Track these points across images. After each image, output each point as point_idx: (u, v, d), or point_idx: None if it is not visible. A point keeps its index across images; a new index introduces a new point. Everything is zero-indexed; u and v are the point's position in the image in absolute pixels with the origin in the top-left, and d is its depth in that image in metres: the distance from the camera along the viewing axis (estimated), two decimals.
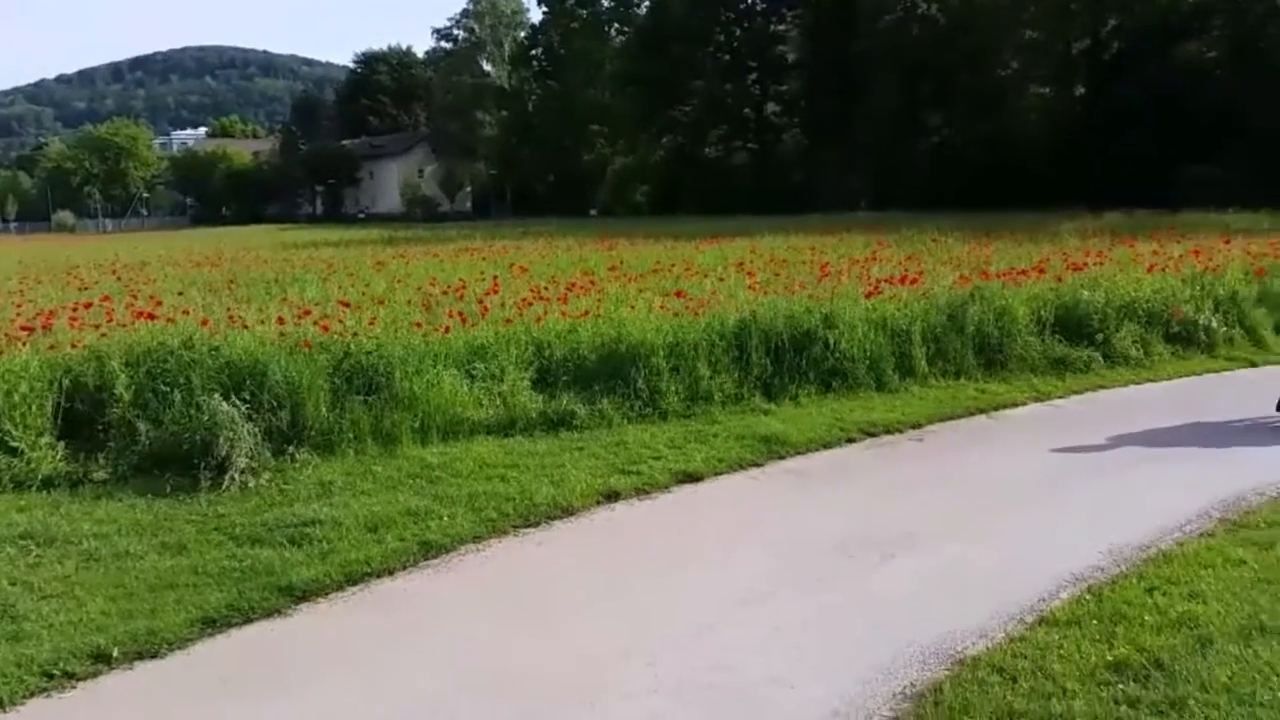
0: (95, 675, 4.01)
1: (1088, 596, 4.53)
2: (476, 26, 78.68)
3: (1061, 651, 3.95)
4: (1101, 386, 9.22)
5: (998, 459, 6.94)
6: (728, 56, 58.97)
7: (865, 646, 4.12)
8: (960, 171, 41.10)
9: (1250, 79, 35.53)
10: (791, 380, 8.68)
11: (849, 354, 8.89)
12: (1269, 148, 33.84)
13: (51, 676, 3.96)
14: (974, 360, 9.44)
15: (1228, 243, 15.74)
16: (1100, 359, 9.88)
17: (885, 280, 11.16)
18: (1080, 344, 10.01)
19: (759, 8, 58.03)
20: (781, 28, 57.73)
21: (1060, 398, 8.85)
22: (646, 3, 64.32)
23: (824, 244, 19.35)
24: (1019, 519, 5.78)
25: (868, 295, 10.10)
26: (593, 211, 61.29)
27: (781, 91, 58.37)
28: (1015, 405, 8.56)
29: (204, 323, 8.42)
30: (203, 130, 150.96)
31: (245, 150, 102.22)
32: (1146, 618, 4.22)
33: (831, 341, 8.90)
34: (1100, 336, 10.13)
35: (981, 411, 8.35)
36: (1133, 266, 12.65)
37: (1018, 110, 44.66)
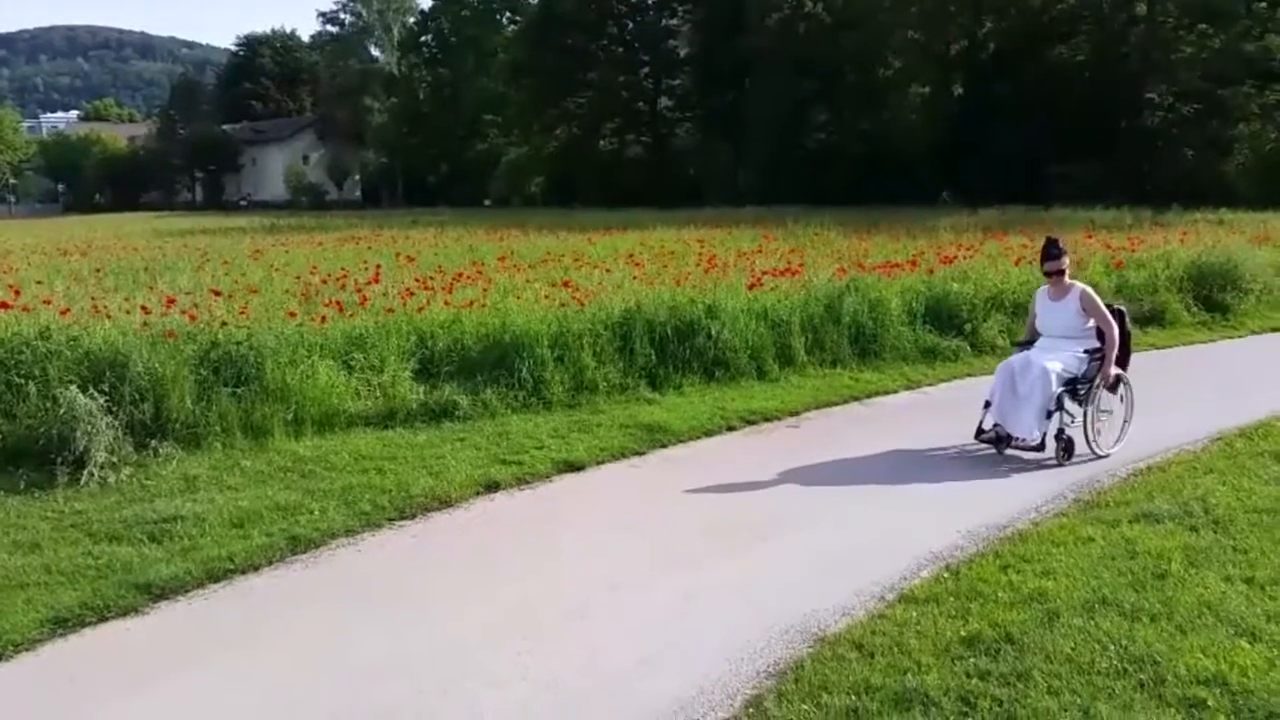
0: None
1: (946, 574, 4.71)
2: (364, 10, 76.69)
3: (919, 628, 4.10)
4: (969, 374, 9.58)
5: (869, 444, 7.14)
6: (620, 49, 58.95)
7: (733, 628, 4.21)
8: (844, 167, 42.05)
9: (1113, 83, 37.34)
10: (676, 370, 8.79)
11: (731, 344, 9.05)
12: (1131, 148, 35.71)
13: None
14: (850, 350, 9.71)
15: (1090, 237, 16.54)
16: (969, 348, 10.29)
17: (768, 272, 11.37)
18: (950, 334, 10.40)
19: (650, 1, 58.18)
20: (673, 22, 57.89)
21: (930, 385, 9.17)
22: None
23: (714, 237, 19.58)
24: (886, 500, 5.97)
25: (750, 287, 10.27)
26: (487, 202, 60.60)
27: (674, 85, 58.64)
28: (888, 393, 8.84)
29: (64, 312, 8.05)
30: (74, 114, 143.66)
31: (121, 135, 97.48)
32: (1000, 594, 4.41)
33: (714, 332, 9.04)
34: (969, 326, 10.54)
35: (856, 399, 8.60)
36: (1001, 260, 13.19)
37: (899, 108, 45.91)
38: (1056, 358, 6.62)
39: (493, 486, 6.18)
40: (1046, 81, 37.61)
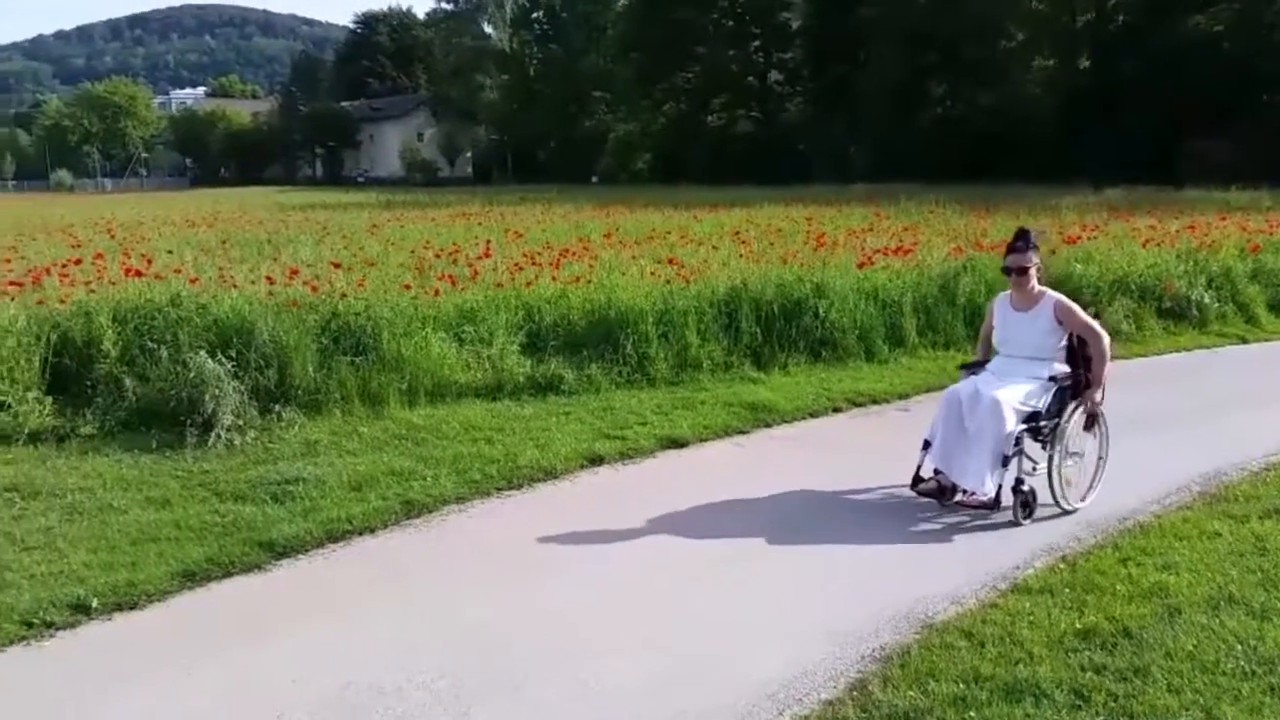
0: (74, 625, 4.06)
1: (1062, 566, 4.57)
2: None
3: (1032, 619, 3.99)
4: None
5: None
6: (731, 23, 58.33)
7: (837, 610, 4.16)
8: (962, 143, 40.83)
9: (1257, 54, 35.21)
10: (781, 349, 8.71)
11: (839, 324, 8.92)
12: (1272, 124, 33.63)
13: (31, 625, 4.01)
14: (965, 331, 9.45)
15: (1224, 219, 15.71)
16: None
17: (879, 251, 11.15)
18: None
19: None
20: None
21: None
22: None
23: (823, 214, 19.29)
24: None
25: (860, 266, 10.09)
26: (594, 178, 60.91)
27: (785, 60, 57.78)
28: None
29: (193, 281, 8.42)
30: (201, 90, 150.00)
31: (245, 111, 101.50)
32: (1118, 587, 4.25)
33: (822, 311, 8.92)
34: (1092, 310, 10.05)
35: None
36: (1128, 241, 12.64)
37: (1021, 82, 44.35)
38: (1012, 386, 5.26)
39: (596, 460, 6.24)
40: (1180, 54, 35.70)
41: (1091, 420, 5.47)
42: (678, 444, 6.64)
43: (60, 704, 3.54)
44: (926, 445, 5.37)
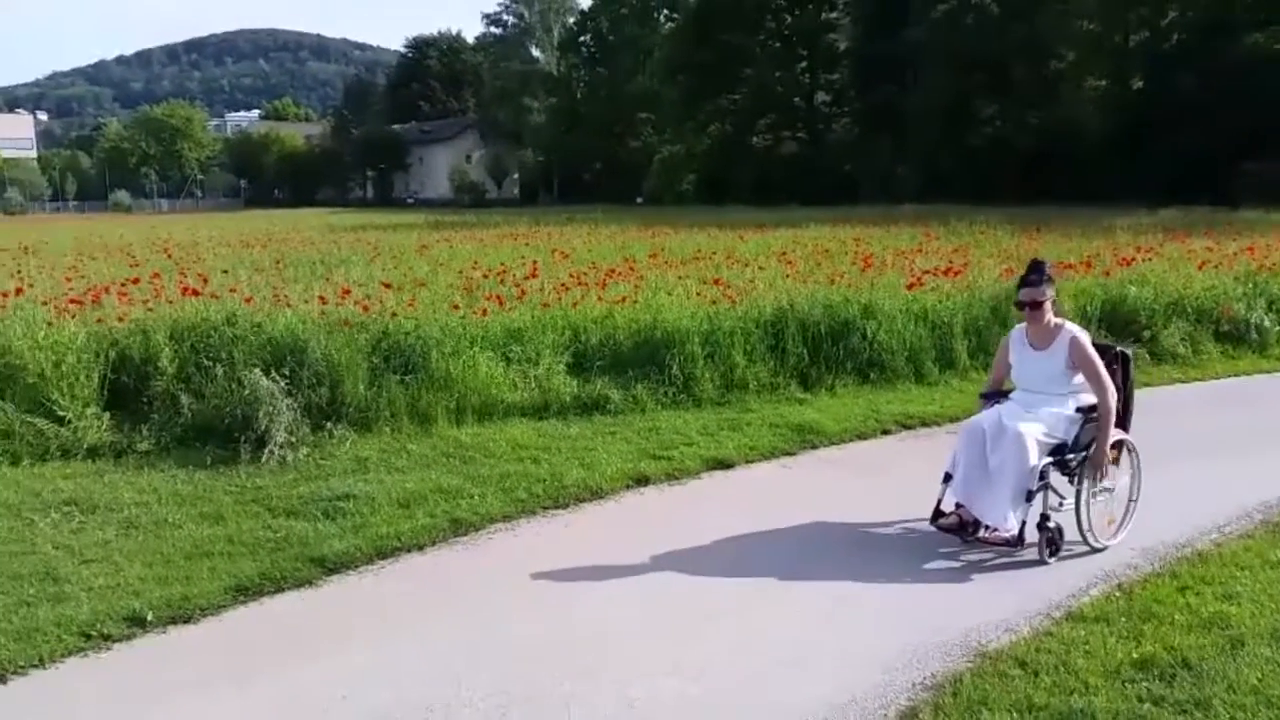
0: (130, 638, 4.13)
1: (1118, 594, 4.47)
2: (526, 12, 78.88)
3: (1087, 648, 3.91)
4: (1147, 384, 9.03)
5: None
6: (778, 44, 58.54)
7: (886, 636, 4.11)
8: (1012, 164, 40.44)
9: None
10: (828, 370, 8.65)
11: (887, 345, 8.85)
12: None
13: (89, 637, 4.09)
14: None
15: None
16: (1147, 356, 9.72)
17: (928, 272, 11.05)
18: (1127, 340, 9.82)
19: None
20: (833, 15, 57.19)
21: None
22: None
23: (870, 235, 19.18)
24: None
25: (909, 287, 10.01)
26: (639, 199, 61.20)
27: (832, 81, 57.87)
28: None
29: (248, 300, 8.58)
30: (256, 113, 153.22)
31: (298, 133, 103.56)
32: (1177, 617, 4.15)
33: (870, 332, 8.86)
34: (1148, 333, 9.95)
35: None
36: (1184, 263, 12.41)
37: (1072, 102, 43.84)
38: (1038, 418, 4.98)
39: (642, 480, 6.24)
40: (1237, 73, 35.06)
41: (1119, 451, 5.19)
42: (724, 465, 6.61)
43: (115, 715, 3.60)
44: (947, 478, 5.11)
